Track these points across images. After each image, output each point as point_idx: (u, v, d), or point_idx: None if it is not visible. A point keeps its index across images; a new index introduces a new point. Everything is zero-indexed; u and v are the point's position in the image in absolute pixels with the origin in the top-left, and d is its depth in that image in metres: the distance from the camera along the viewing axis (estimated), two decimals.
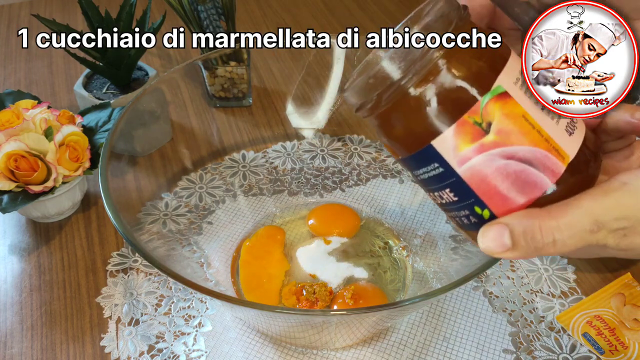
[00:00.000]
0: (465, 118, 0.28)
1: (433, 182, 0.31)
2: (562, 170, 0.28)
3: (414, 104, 0.29)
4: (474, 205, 0.30)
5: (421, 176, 0.32)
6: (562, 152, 0.28)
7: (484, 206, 0.30)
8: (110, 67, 0.68)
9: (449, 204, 0.31)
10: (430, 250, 0.57)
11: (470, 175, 0.29)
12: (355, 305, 0.51)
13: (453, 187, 0.30)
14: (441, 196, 0.31)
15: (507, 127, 0.28)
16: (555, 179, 0.29)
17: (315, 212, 0.62)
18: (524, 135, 0.28)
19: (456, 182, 0.30)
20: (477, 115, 0.28)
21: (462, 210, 0.31)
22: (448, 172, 0.29)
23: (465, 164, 0.29)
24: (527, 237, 0.28)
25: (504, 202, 0.29)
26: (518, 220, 0.28)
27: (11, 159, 0.54)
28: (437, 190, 0.31)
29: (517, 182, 0.29)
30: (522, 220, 0.28)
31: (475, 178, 0.29)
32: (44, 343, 0.52)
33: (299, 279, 0.54)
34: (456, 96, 0.28)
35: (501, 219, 0.29)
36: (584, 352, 0.50)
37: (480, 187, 0.29)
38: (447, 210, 0.32)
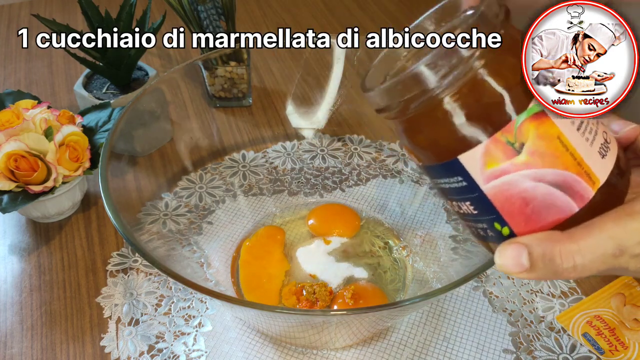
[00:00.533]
0: (497, 136, 0.27)
1: (453, 193, 0.30)
2: (591, 196, 0.28)
3: (446, 116, 0.27)
4: (494, 222, 0.29)
5: (441, 185, 0.30)
6: (594, 176, 0.28)
7: (504, 223, 0.29)
8: (110, 67, 0.68)
9: (467, 215, 0.31)
10: (430, 250, 0.57)
11: (494, 193, 0.28)
12: (355, 305, 0.51)
13: (475, 201, 0.29)
14: (460, 207, 0.30)
15: (540, 149, 0.27)
16: (582, 204, 0.28)
17: (315, 212, 0.62)
18: (557, 157, 0.27)
19: (479, 197, 0.29)
20: (511, 135, 0.27)
21: (480, 223, 0.30)
22: (472, 187, 0.28)
23: (491, 182, 0.28)
24: (545, 260, 0.27)
25: (526, 223, 0.28)
26: (538, 242, 0.28)
27: (11, 159, 0.54)
28: (457, 201, 0.30)
29: (543, 205, 0.28)
30: (542, 243, 0.28)
31: (500, 196, 0.28)
32: (44, 343, 0.52)
33: (299, 279, 0.54)
34: (491, 113, 0.27)
35: (520, 238, 0.28)
36: (584, 352, 0.50)
37: (503, 206, 0.28)
38: (464, 219, 0.31)
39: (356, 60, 0.65)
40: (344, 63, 0.66)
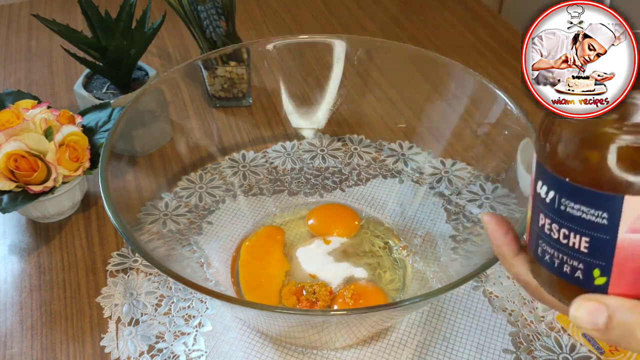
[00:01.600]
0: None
1: (577, 222, 0.27)
2: None
3: (636, 155, 0.25)
4: (597, 267, 0.27)
5: (569, 208, 0.27)
6: None
7: (606, 274, 0.27)
8: (110, 67, 0.68)
9: (566, 246, 0.28)
10: (430, 250, 0.57)
11: (627, 245, 0.26)
12: (356, 305, 0.51)
13: (597, 241, 0.27)
14: (566, 235, 0.28)
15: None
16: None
17: (314, 212, 0.62)
18: None
19: (606, 240, 0.26)
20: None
21: (576, 261, 0.28)
22: (609, 228, 0.26)
23: (634, 234, 0.26)
24: (625, 329, 0.26)
25: (629, 284, 0.27)
26: (625, 309, 0.26)
27: (11, 159, 0.54)
28: (569, 229, 0.27)
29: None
30: (630, 311, 0.26)
31: (628, 250, 0.26)
32: (44, 343, 0.52)
33: (299, 278, 0.55)
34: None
35: (606, 298, 0.27)
36: (584, 352, 0.50)
37: (622, 260, 0.26)
38: (553, 244, 0.28)
39: (356, 60, 0.65)
40: (344, 63, 0.66)
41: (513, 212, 0.51)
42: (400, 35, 0.96)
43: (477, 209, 0.60)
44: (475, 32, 0.97)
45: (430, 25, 0.99)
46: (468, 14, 1.02)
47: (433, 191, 0.64)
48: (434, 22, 1.00)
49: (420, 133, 0.69)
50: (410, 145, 0.70)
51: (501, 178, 0.58)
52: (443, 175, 0.66)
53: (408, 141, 0.70)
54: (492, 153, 0.59)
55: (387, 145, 0.71)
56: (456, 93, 0.61)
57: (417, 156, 0.69)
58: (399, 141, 0.71)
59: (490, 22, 1.00)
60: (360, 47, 0.65)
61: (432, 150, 0.68)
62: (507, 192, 0.56)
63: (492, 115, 0.55)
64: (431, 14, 1.03)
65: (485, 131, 0.59)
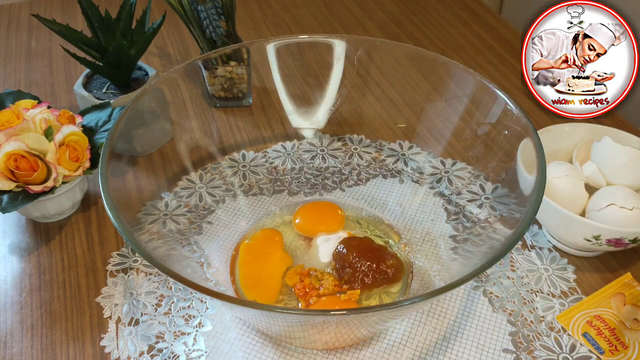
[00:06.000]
0: None
1: None
2: None
3: None
4: None
5: None
6: None
7: None
8: (110, 67, 0.68)
9: None
10: (430, 250, 0.57)
11: None
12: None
13: None
14: None
15: None
16: None
17: (298, 213, 0.62)
18: None
19: None
20: None
21: None
22: None
23: None
24: None
25: None
26: None
27: (11, 159, 0.54)
28: None
29: None
30: None
31: None
32: (44, 343, 0.52)
33: (308, 265, 0.55)
34: None
35: None
36: (584, 352, 0.50)
37: None
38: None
39: (356, 60, 0.65)
40: (344, 63, 0.66)
41: (513, 212, 0.51)
42: (400, 35, 0.96)
43: (477, 209, 0.60)
44: (475, 32, 0.97)
45: (430, 25, 1.00)
46: (468, 14, 1.02)
47: (433, 191, 0.64)
48: (434, 22, 1.01)
49: (420, 133, 0.69)
50: (410, 145, 0.70)
51: (501, 178, 0.58)
52: (443, 175, 0.66)
53: (408, 141, 0.70)
54: (492, 153, 0.59)
55: (387, 145, 0.71)
56: (456, 93, 0.61)
57: (417, 156, 0.69)
58: (399, 141, 0.71)
59: (490, 22, 1.00)
60: (360, 47, 0.65)
61: (432, 150, 0.68)
62: (507, 192, 0.56)
63: (492, 115, 0.55)
64: (431, 14, 1.03)
65: (485, 131, 0.59)
